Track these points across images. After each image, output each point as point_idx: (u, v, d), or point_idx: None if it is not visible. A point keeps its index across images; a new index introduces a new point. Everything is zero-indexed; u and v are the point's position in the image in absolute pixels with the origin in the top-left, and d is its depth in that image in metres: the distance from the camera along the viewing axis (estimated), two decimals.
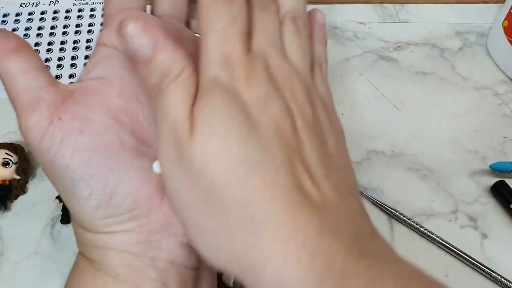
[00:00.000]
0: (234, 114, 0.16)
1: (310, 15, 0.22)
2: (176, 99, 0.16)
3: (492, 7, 0.43)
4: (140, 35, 0.16)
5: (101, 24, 0.42)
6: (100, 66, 0.20)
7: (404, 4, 0.44)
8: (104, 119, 0.19)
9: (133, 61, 0.17)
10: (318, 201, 0.16)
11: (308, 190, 0.16)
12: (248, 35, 0.18)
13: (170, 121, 0.16)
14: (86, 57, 0.40)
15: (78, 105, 0.18)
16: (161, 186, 0.18)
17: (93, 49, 0.21)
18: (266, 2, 0.19)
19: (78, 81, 0.20)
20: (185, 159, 0.16)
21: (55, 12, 0.43)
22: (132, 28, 0.16)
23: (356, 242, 0.15)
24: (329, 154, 0.18)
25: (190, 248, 0.19)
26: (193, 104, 0.16)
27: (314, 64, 0.21)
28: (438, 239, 0.30)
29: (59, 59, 0.40)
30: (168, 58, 0.16)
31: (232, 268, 0.16)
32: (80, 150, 0.18)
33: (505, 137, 0.35)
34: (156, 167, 0.18)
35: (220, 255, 0.16)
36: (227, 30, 0.17)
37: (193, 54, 0.17)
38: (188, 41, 0.21)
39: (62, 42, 0.41)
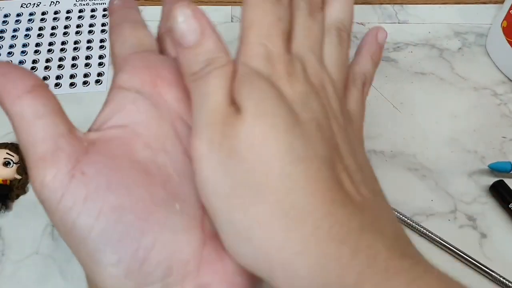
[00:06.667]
0: (279, 104, 0.16)
1: (374, 32, 0.22)
2: (219, 85, 0.16)
3: (491, 7, 0.43)
4: (191, 20, 0.16)
5: (102, 25, 0.42)
6: (122, 112, 0.18)
7: (403, 5, 0.44)
8: (132, 173, 0.16)
9: (178, 45, 0.17)
10: (357, 200, 0.16)
11: (347, 188, 0.16)
12: (289, 36, 0.18)
13: (212, 106, 0.16)
14: (87, 57, 0.40)
15: (102, 157, 0.16)
16: (199, 251, 0.16)
17: (108, 92, 0.19)
18: (314, 9, 0.19)
19: (97, 129, 0.18)
20: (227, 143, 0.15)
21: (56, 12, 0.43)
22: (184, 12, 0.16)
23: (397, 242, 0.15)
24: (361, 163, 0.18)
25: None
26: (232, 92, 0.16)
27: (356, 79, 0.21)
28: (437, 239, 0.30)
29: (60, 59, 0.40)
30: (214, 47, 0.16)
31: (259, 266, 0.15)
32: (108, 209, 0.15)
33: (504, 137, 0.36)
34: None
35: (249, 251, 0.15)
36: (272, 28, 0.17)
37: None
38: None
39: (63, 43, 0.41)
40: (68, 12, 0.43)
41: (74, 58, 0.40)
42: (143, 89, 0.18)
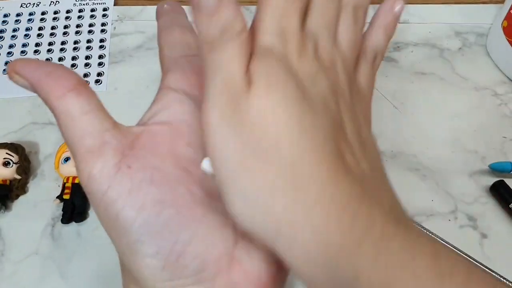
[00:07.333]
0: (289, 79, 0.16)
1: (390, 2, 0.22)
2: (234, 55, 0.16)
3: (492, 7, 0.43)
4: None
5: (102, 25, 0.42)
6: (168, 110, 0.19)
7: (404, 5, 0.44)
8: (174, 169, 0.17)
9: (195, 11, 0.16)
10: (357, 173, 0.16)
11: (349, 162, 0.16)
12: (305, 12, 0.18)
13: (226, 75, 0.16)
14: (87, 57, 0.40)
15: (147, 153, 0.17)
16: (230, 250, 0.17)
17: (158, 91, 0.20)
18: None
19: (142, 124, 0.19)
20: (239, 111, 0.15)
21: (55, 12, 0.43)
22: None
23: (393, 212, 0.16)
24: (364, 140, 0.18)
25: None
26: (248, 63, 0.16)
27: (367, 54, 0.21)
28: (438, 239, 0.30)
29: (60, 59, 0.40)
30: (232, 15, 0.16)
31: (265, 231, 0.15)
32: (150, 202, 0.16)
33: (505, 137, 0.36)
34: (206, 164, 0.17)
35: (255, 217, 0.15)
36: (288, 5, 0.17)
37: None
38: None
39: (63, 43, 0.41)
40: (68, 12, 0.43)
41: (74, 58, 0.40)
42: (190, 91, 0.19)
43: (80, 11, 0.43)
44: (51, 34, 0.41)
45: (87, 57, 0.40)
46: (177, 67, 0.20)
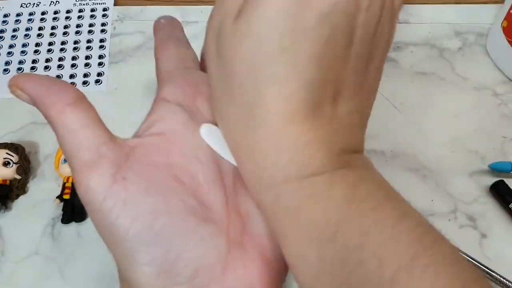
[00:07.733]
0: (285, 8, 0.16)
1: None
2: None
3: (492, 7, 0.43)
4: None
5: (102, 25, 0.42)
6: (162, 121, 0.19)
7: (404, 5, 0.44)
8: (168, 180, 0.18)
9: None
10: (325, 119, 0.17)
11: (324, 108, 0.17)
12: None
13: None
14: (87, 57, 0.40)
15: (141, 164, 0.18)
16: (224, 258, 0.18)
17: (153, 103, 0.21)
18: None
19: (137, 136, 0.19)
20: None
21: (55, 12, 0.43)
22: None
23: (340, 154, 0.18)
24: (364, 78, 0.19)
25: None
26: None
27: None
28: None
29: (60, 59, 0.40)
30: None
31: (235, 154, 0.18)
32: (145, 212, 0.17)
33: (504, 137, 0.36)
34: (203, 131, 0.19)
35: (230, 137, 0.18)
36: None
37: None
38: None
39: (63, 43, 0.41)
40: (68, 12, 0.43)
41: (74, 58, 0.40)
42: (184, 102, 0.20)
43: (80, 11, 0.43)
44: (51, 34, 0.41)
45: (87, 57, 0.40)
46: (171, 79, 0.21)
